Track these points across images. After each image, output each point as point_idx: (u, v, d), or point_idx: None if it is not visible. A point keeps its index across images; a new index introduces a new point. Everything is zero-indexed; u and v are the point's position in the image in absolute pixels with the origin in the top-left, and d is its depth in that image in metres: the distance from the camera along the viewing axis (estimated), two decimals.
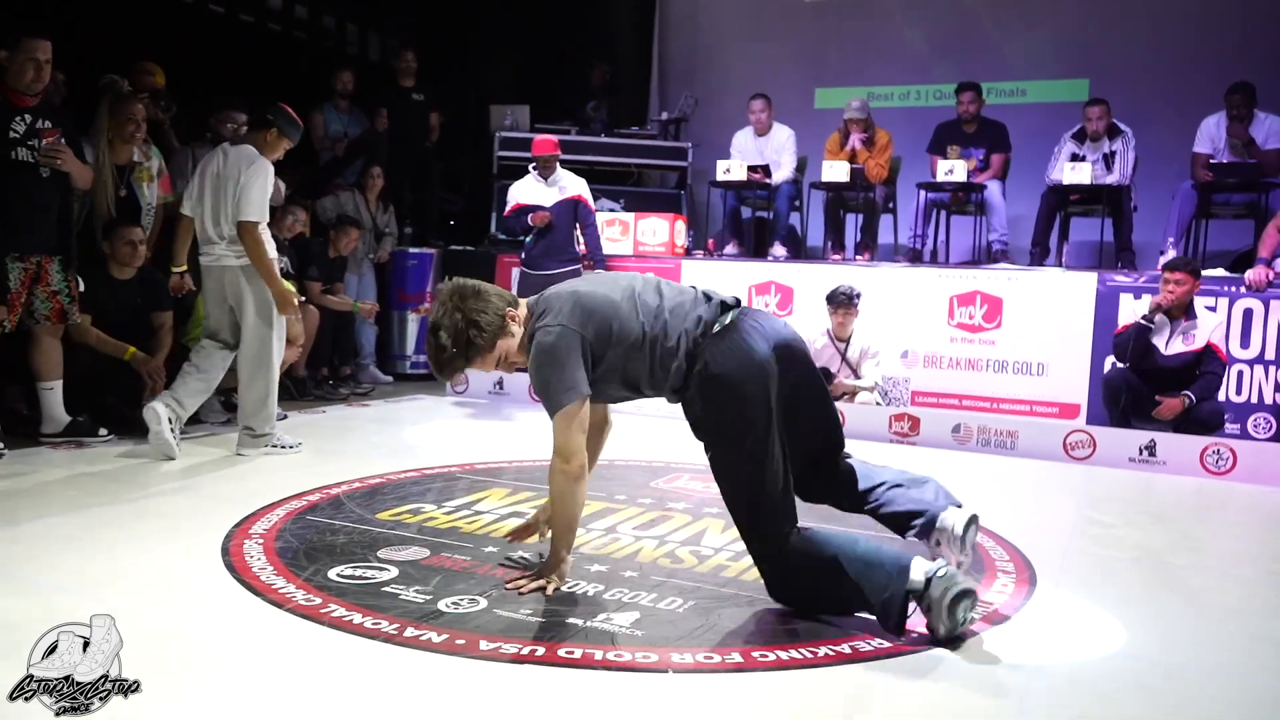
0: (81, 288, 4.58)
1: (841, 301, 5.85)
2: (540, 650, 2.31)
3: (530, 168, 6.42)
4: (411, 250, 7.61)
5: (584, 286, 2.76)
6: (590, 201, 6.48)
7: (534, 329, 2.65)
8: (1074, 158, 6.70)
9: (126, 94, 5.14)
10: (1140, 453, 5.06)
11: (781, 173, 7.42)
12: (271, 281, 4.39)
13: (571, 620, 2.51)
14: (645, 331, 2.64)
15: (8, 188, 4.17)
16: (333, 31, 8.84)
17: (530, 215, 6.21)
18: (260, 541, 3.10)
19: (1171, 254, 6.23)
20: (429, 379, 7.42)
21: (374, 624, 2.44)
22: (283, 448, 4.52)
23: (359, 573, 2.83)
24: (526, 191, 6.34)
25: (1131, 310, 5.54)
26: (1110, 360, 5.61)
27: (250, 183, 4.31)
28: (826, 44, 9.06)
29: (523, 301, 2.76)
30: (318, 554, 2.99)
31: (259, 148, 4.42)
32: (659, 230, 7.31)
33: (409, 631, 2.39)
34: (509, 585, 2.74)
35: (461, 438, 5.34)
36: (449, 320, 2.60)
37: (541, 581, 2.72)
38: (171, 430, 4.25)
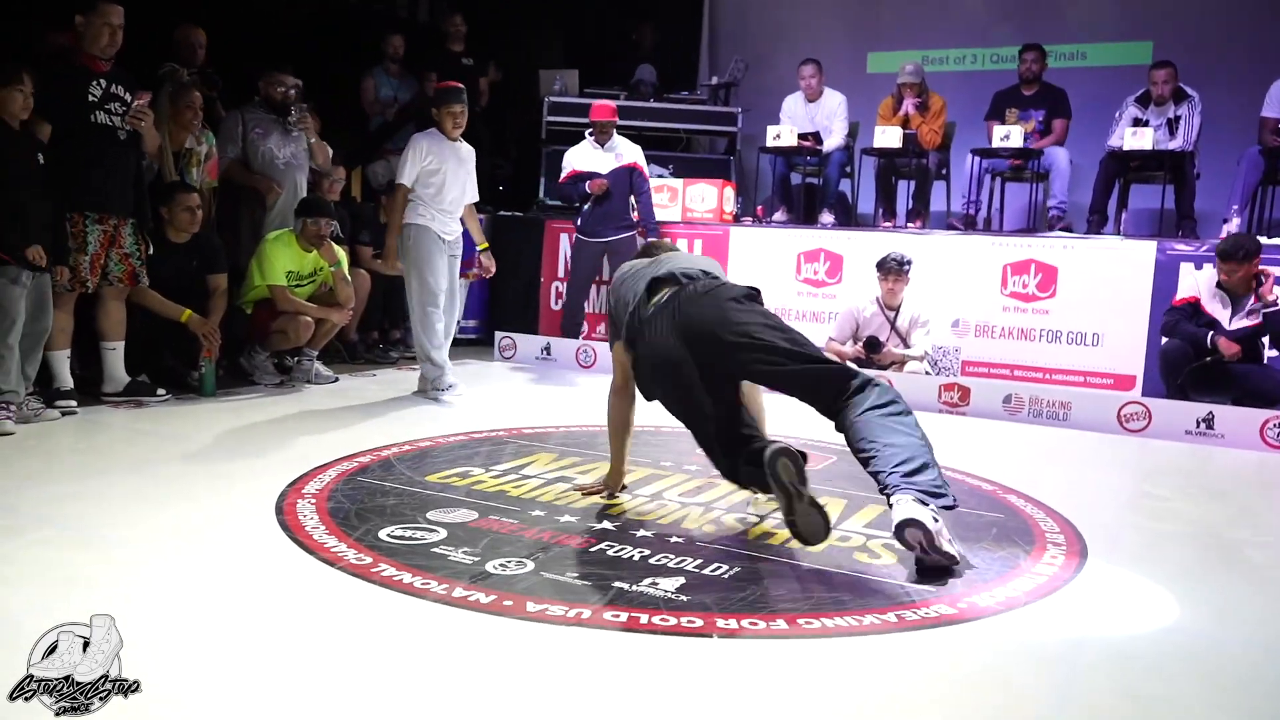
0: (151, 250, 4.69)
1: (892, 269, 5.77)
2: (586, 613, 2.33)
3: (587, 133, 6.42)
4: None
5: None
6: (645, 169, 6.50)
7: None
8: (1136, 122, 6.51)
9: (187, 82, 5.25)
10: (1197, 425, 4.95)
11: (833, 140, 7.31)
12: (389, 236, 5.06)
13: (617, 584, 2.53)
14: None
15: (88, 150, 4.29)
16: None
17: (587, 182, 6.22)
18: (313, 501, 3.16)
19: (1235, 222, 6.06)
20: (478, 344, 7.48)
21: (423, 584, 2.47)
22: (441, 394, 5.09)
23: (409, 534, 2.87)
24: (582, 158, 6.35)
25: (1193, 282, 5.38)
26: None
27: (403, 155, 5.04)
28: (880, 6, 8.88)
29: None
30: (368, 514, 3.04)
31: (436, 127, 5.07)
32: (707, 196, 7.26)
33: (457, 592, 2.43)
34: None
35: (509, 402, 5.38)
36: None
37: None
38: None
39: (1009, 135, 6.59)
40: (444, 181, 5.01)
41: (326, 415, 4.67)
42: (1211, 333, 5.08)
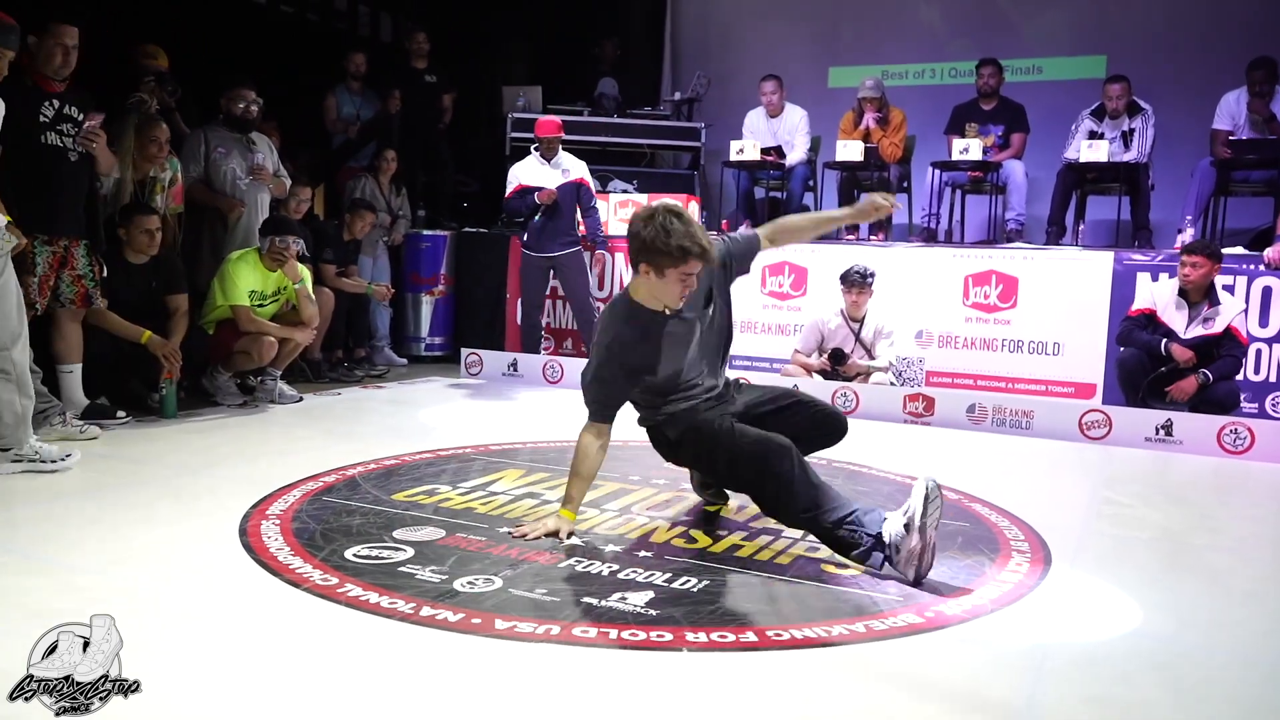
0: (105, 272, 4.62)
1: (855, 281, 5.82)
2: (555, 629, 2.32)
3: (532, 149, 6.44)
4: (425, 233, 7.62)
5: None
6: (591, 184, 6.52)
7: None
8: (1092, 135, 6.63)
9: (154, 115, 5.19)
10: (1156, 432, 5.03)
11: (795, 154, 7.38)
12: None
13: (586, 600, 2.52)
14: None
15: (38, 171, 4.20)
16: (344, 13, 8.83)
17: (535, 194, 6.22)
18: (277, 522, 3.12)
19: (1190, 232, 6.18)
20: (443, 361, 7.46)
21: (390, 603, 2.45)
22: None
23: (375, 553, 2.85)
24: (529, 173, 6.36)
25: (1149, 294, 5.47)
26: None
27: None
28: (841, 22, 8.99)
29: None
30: (334, 534, 3.01)
31: None
32: None
33: (425, 611, 2.41)
34: (516, 534, 3.04)
35: (476, 419, 5.35)
36: None
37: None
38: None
39: (968, 148, 6.68)
40: None
41: (290, 435, 4.63)
42: (1165, 340, 5.17)
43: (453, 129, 8.24)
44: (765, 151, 7.20)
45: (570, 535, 3.04)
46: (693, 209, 7.33)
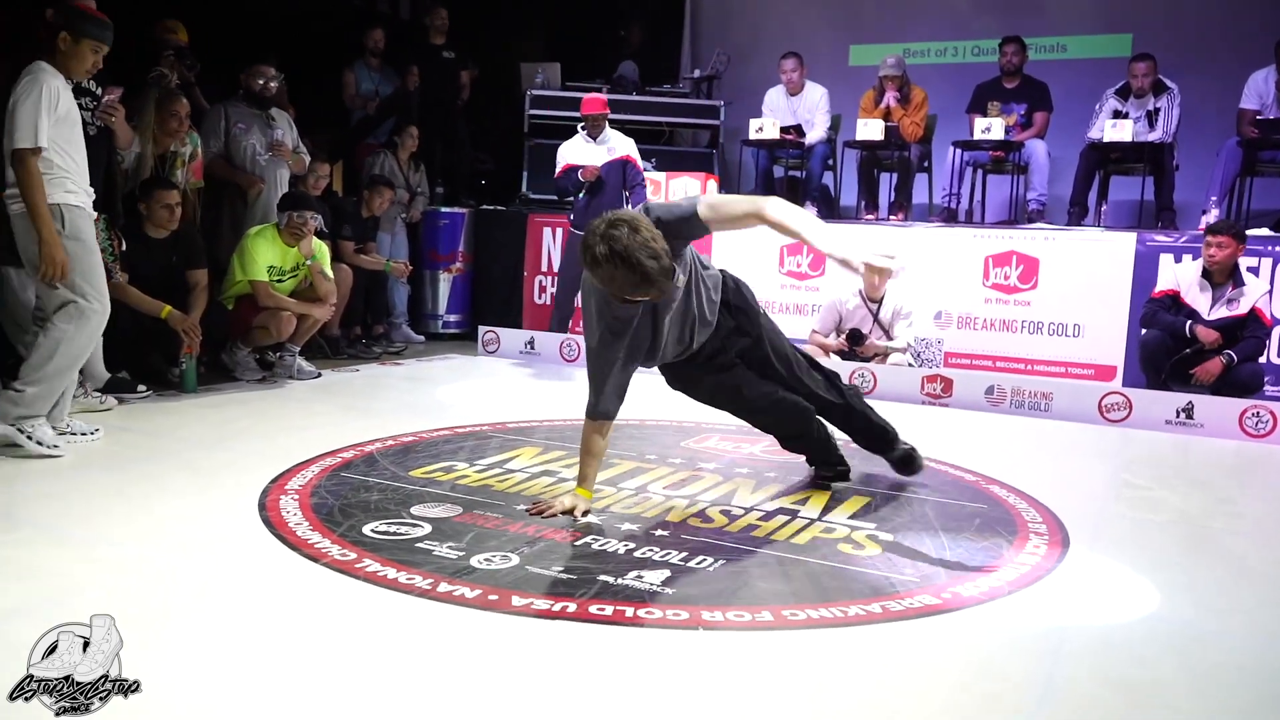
0: (124, 247, 4.64)
1: None
2: (571, 607, 2.33)
3: (579, 127, 6.42)
4: (443, 210, 7.61)
5: None
6: (639, 162, 6.48)
7: None
8: (1116, 114, 6.55)
9: (174, 90, 5.19)
10: (1177, 415, 4.99)
11: (815, 133, 7.33)
12: (40, 224, 3.47)
13: (603, 578, 2.53)
14: None
15: None
16: None
17: (580, 171, 6.21)
18: (296, 497, 3.14)
19: (1214, 213, 6.10)
20: (461, 338, 7.47)
21: (408, 579, 2.47)
22: (38, 442, 3.57)
23: (393, 529, 2.87)
24: (576, 152, 6.35)
25: (1172, 275, 5.41)
26: None
27: (19, 101, 3.46)
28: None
29: None
30: (352, 510, 3.03)
31: (52, 60, 3.58)
32: (691, 189, 7.24)
33: (442, 587, 2.42)
34: (533, 511, 3.05)
35: (493, 397, 5.37)
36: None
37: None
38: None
39: (990, 128, 6.61)
40: (78, 139, 3.70)
41: (309, 411, 4.65)
42: (1189, 321, 5.12)
43: (471, 106, 8.21)
44: (785, 130, 7.15)
45: (587, 513, 3.05)
46: (711, 188, 7.30)
